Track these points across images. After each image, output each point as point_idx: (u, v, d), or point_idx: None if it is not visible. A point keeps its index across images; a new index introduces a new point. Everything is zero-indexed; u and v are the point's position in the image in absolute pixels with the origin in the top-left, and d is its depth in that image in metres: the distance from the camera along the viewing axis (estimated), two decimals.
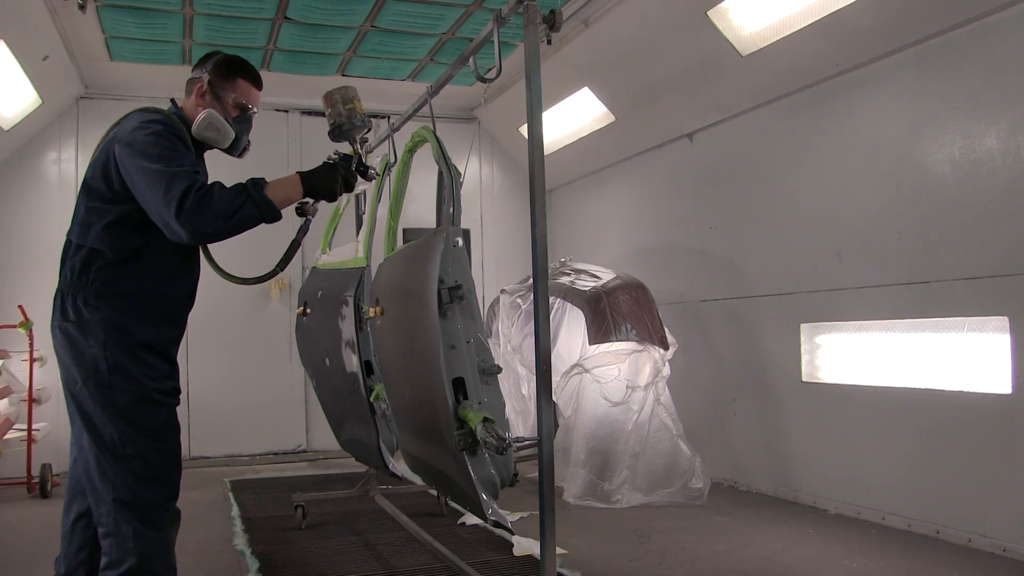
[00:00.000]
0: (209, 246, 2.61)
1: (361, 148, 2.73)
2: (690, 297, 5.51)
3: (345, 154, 2.58)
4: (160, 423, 2.37)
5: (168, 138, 2.32)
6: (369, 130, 2.84)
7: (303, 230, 2.68)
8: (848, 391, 4.29)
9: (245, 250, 3.29)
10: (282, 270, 2.67)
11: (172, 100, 2.57)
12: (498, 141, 7.60)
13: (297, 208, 2.51)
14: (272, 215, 2.32)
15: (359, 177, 2.62)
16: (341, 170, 2.50)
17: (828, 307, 4.40)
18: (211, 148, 2.56)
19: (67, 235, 2.45)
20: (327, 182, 2.46)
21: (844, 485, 4.29)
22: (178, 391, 2.48)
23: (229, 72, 2.53)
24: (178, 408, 2.47)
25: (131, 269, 2.35)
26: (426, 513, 4.45)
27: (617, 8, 4.95)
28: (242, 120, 2.56)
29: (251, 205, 2.25)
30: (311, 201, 2.54)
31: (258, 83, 2.60)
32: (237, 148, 2.59)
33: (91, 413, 2.30)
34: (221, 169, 2.80)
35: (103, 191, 2.37)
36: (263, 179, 2.33)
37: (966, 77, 3.67)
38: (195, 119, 2.46)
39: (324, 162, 2.53)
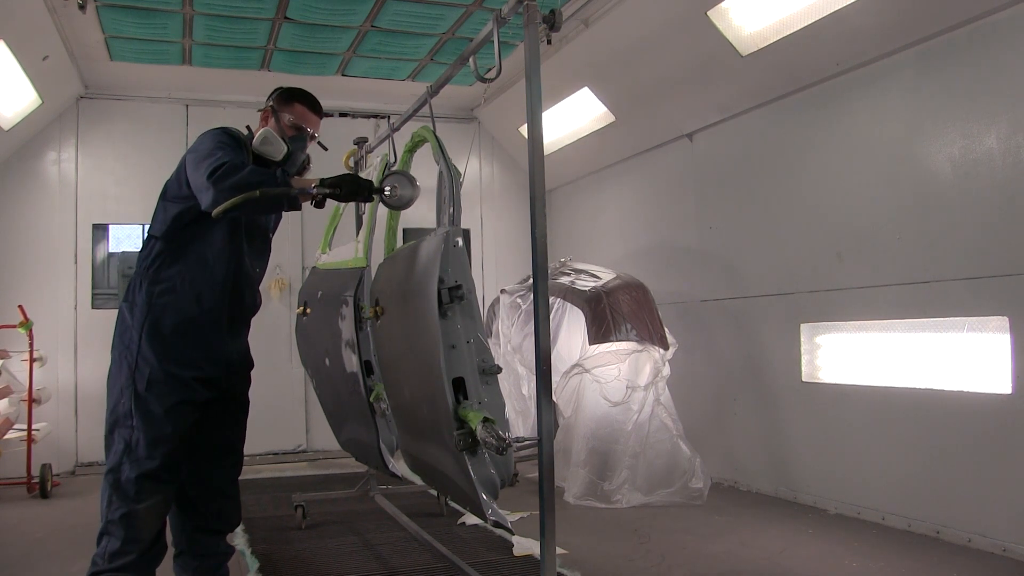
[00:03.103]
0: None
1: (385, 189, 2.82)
2: (690, 297, 5.51)
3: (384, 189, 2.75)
4: (167, 410, 2.62)
5: (224, 138, 2.67)
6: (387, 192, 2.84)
7: (305, 192, 2.58)
8: (848, 391, 4.29)
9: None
10: (229, 211, 2.53)
11: (248, 127, 2.92)
12: (498, 141, 7.60)
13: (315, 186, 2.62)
14: (291, 200, 2.53)
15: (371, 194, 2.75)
16: (362, 182, 2.66)
17: (828, 307, 4.40)
18: (275, 166, 2.84)
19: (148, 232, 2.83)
20: (337, 177, 2.61)
21: (844, 485, 4.29)
22: (205, 385, 2.71)
23: (289, 98, 2.91)
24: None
25: (177, 259, 2.70)
26: (426, 513, 4.45)
27: (617, 8, 4.95)
28: (297, 139, 2.88)
29: (272, 183, 2.49)
30: (324, 191, 2.60)
31: (315, 109, 2.93)
32: (293, 165, 2.90)
33: (117, 378, 2.67)
34: None
35: (174, 190, 2.73)
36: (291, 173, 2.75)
37: (966, 77, 3.67)
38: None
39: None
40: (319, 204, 2.65)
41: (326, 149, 3.09)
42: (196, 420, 2.73)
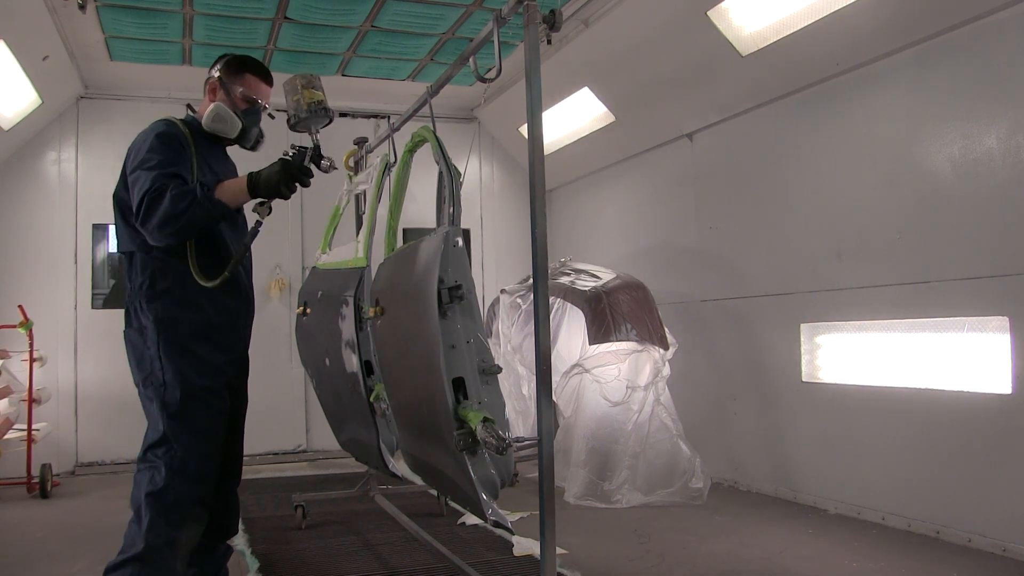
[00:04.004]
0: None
1: (318, 138, 2.71)
2: (690, 297, 5.51)
3: (301, 147, 2.57)
4: (207, 424, 2.53)
5: (156, 145, 2.47)
6: (328, 120, 2.77)
7: (252, 233, 2.60)
8: (848, 391, 4.29)
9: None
10: (230, 275, 2.57)
11: (188, 105, 2.75)
12: (498, 141, 7.60)
13: (254, 209, 2.53)
14: (223, 213, 2.44)
15: (318, 169, 2.62)
16: (292, 167, 2.48)
17: (828, 307, 4.40)
18: (228, 142, 2.72)
19: (117, 250, 2.66)
20: (271, 182, 2.46)
21: (844, 485, 4.29)
22: (226, 387, 2.63)
23: (238, 68, 2.71)
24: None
25: (171, 266, 2.52)
26: (426, 513, 4.45)
27: (617, 8, 4.95)
28: (250, 113, 2.70)
29: (198, 207, 2.36)
30: (266, 201, 2.53)
31: (267, 79, 2.76)
32: (247, 140, 2.73)
33: (149, 410, 2.52)
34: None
35: (127, 201, 2.53)
36: (217, 182, 2.49)
37: (966, 77, 3.67)
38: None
39: (279, 158, 2.54)
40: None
41: (272, 117, 2.84)
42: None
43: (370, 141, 4.51)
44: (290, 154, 2.55)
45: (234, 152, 2.92)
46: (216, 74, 2.69)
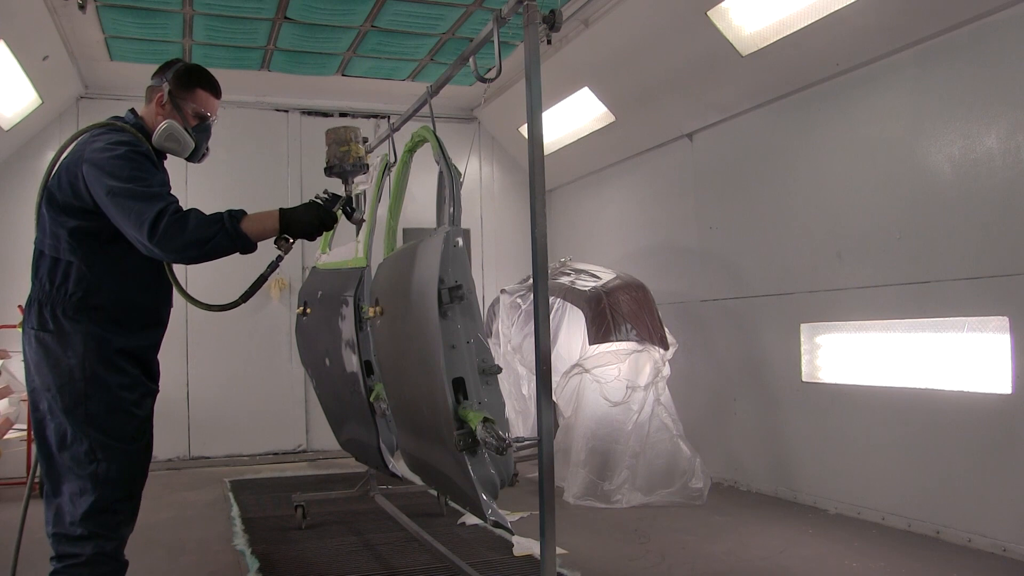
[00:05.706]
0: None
1: (353, 190, 2.77)
2: (690, 297, 5.51)
3: (334, 194, 2.60)
4: (133, 431, 2.43)
5: (135, 159, 2.35)
6: (364, 173, 2.92)
7: (272, 265, 2.59)
8: (848, 391, 4.29)
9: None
10: (244, 302, 2.57)
11: (132, 110, 2.61)
12: (498, 141, 7.60)
13: (276, 240, 2.48)
14: (246, 247, 2.36)
15: (347, 220, 2.69)
16: (322, 212, 2.49)
17: (828, 307, 4.40)
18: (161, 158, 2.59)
19: (36, 245, 2.49)
20: (305, 223, 2.45)
21: (844, 485, 4.29)
22: (151, 397, 2.53)
23: (189, 82, 2.57)
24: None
25: (109, 281, 2.41)
26: (426, 513, 4.45)
27: (617, 8, 4.95)
28: (201, 129, 2.61)
29: (223, 236, 2.29)
30: (289, 238, 2.49)
31: (217, 92, 2.66)
32: (196, 156, 2.65)
33: (61, 420, 2.38)
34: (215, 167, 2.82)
35: (72, 204, 2.39)
36: (242, 211, 2.36)
37: (966, 77, 3.67)
38: (155, 129, 2.52)
39: (310, 200, 2.54)
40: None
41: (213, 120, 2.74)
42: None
43: (370, 141, 4.51)
44: (322, 198, 2.56)
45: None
46: (165, 87, 2.55)
